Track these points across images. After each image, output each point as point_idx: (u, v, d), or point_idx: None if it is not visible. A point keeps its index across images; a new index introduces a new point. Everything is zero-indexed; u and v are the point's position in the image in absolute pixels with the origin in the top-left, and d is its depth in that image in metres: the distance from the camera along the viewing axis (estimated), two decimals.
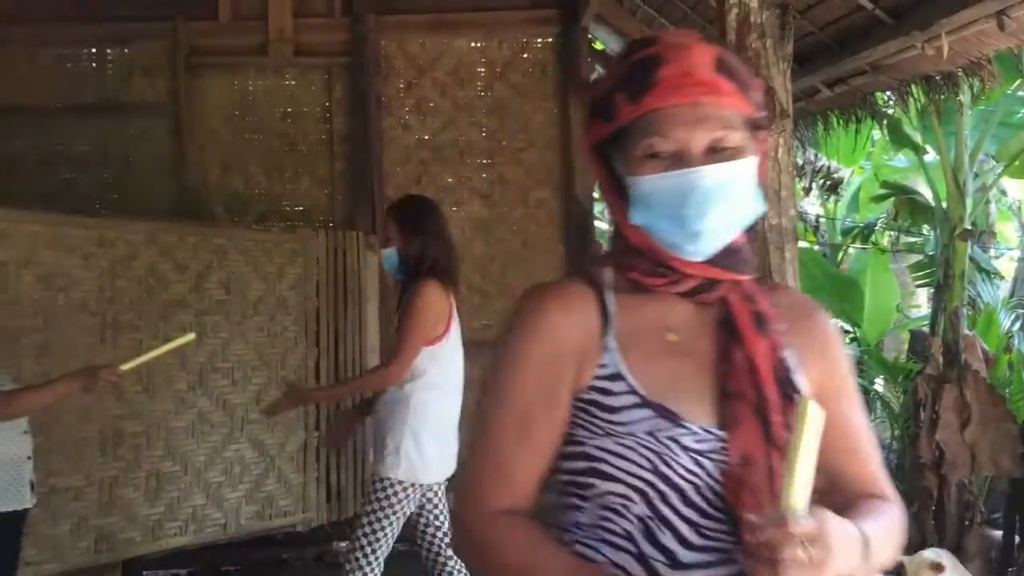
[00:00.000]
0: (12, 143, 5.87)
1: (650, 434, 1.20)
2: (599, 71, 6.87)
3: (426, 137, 6.06)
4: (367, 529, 3.39)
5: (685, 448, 1.20)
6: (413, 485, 3.41)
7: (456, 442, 3.60)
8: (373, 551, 3.39)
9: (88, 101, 5.95)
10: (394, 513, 3.40)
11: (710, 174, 1.18)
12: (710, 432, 1.22)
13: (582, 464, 1.25)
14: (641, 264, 1.27)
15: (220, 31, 5.95)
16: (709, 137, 1.20)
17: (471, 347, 5.86)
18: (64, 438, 4.15)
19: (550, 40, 6.11)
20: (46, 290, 4.09)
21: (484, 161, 6.06)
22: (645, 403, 1.21)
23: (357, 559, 3.39)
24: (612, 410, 1.23)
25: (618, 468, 1.22)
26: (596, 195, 6.18)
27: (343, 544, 5.62)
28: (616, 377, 1.24)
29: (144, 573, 5.00)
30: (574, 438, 1.26)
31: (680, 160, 1.19)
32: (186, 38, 5.89)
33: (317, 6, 6.01)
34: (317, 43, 6.00)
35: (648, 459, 1.20)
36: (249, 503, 4.96)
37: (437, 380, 3.49)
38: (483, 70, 6.10)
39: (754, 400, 1.22)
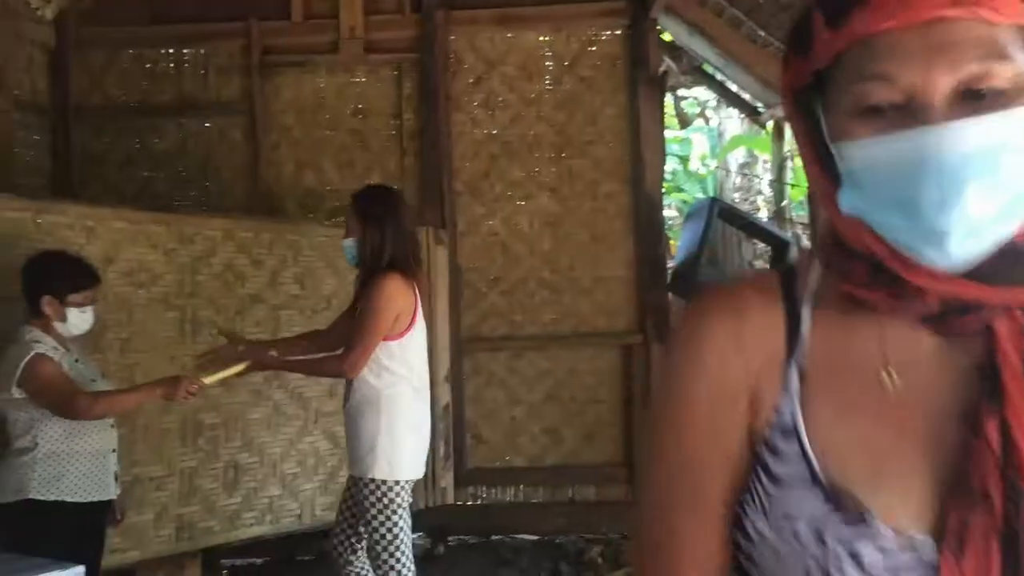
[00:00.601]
0: (95, 143, 6.06)
1: (815, 531, 0.81)
2: (668, 63, 6.82)
3: (495, 132, 6.07)
4: (378, 536, 3.33)
5: (860, 564, 0.79)
6: (397, 482, 3.36)
7: (428, 438, 3.61)
8: (396, 551, 3.34)
9: (166, 100, 6.10)
10: (394, 511, 3.34)
11: (963, 135, 0.76)
12: (912, 542, 0.79)
13: (741, 541, 0.88)
14: (857, 269, 0.85)
15: (292, 30, 6.04)
16: (960, 75, 0.77)
17: (544, 341, 5.95)
18: (147, 428, 4.28)
19: (619, 32, 6.07)
20: (129, 285, 4.21)
21: (553, 155, 6.06)
22: (816, 481, 0.82)
23: (387, 563, 3.35)
24: (775, 480, 0.85)
25: (764, 569, 0.86)
26: (664, 188, 6.13)
27: (415, 535, 5.68)
28: (789, 433, 0.85)
29: (222, 562, 5.11)
30: (741, 504, 0.89)
31: (913, 114, 0.78)
32: (259, 38, 6.00)
33: (387, 3, 6.06)
34: (387, 40, 6.06)
35: (802, 569, 0.81)
36: (323, 494, 5.04)
37: (404, 375, 3.43)
38: (551, 64, 6.10)
39: (1002, 506, 0.76)
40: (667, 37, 6.89)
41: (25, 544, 2.96)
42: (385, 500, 3.34)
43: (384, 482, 3.34)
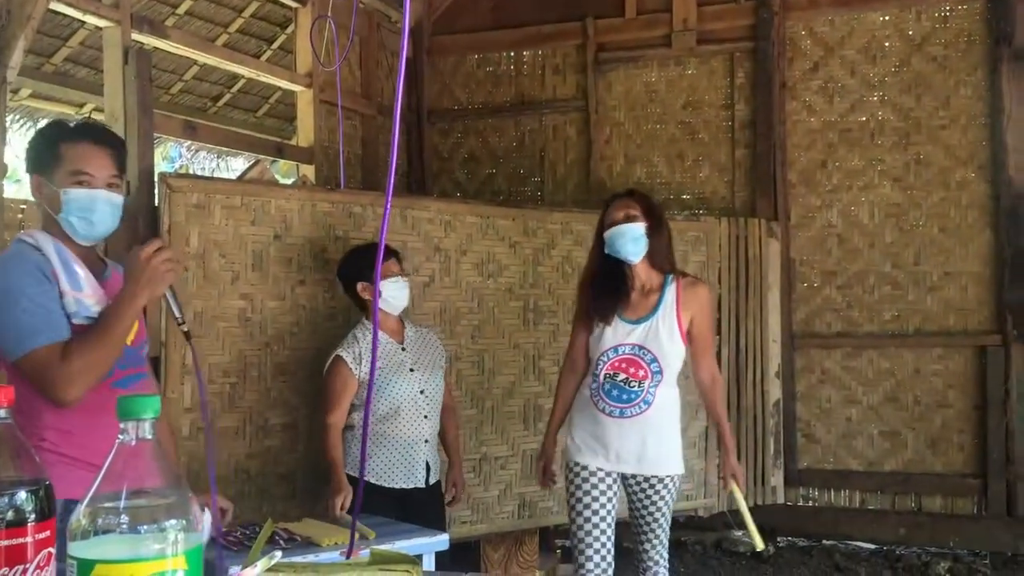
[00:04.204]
0: (444, 143, 6.56)
1: None
2: None
3: (833, 119, 5.80)
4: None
5: None
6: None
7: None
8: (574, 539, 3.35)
9: (506, 101, 6.46)
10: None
11: None
12: None
13: None
14: None
15: (626, 26, 6.15)
16: None
17: (885, 339, 5.60)
18: (493, 411, 4.56)
19: (977, 5, 5.56)
20: (479, 275, 4.51)
21: (898, 142, 5.68)
22: None
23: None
24: None
25: None
26: None
27: (740, 532, 5.61)
28: None
29: (556, 542, 5.33)
30: None
31: None
32: (595, 36, 6.17)
33: None
34: (720, 30, 5.99)
35: None
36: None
37: None
38: (898, 44, 5.71)
39: None
40: None
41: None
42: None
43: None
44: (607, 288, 3.25)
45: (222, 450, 3.65)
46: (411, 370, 3.51)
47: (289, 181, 5.75)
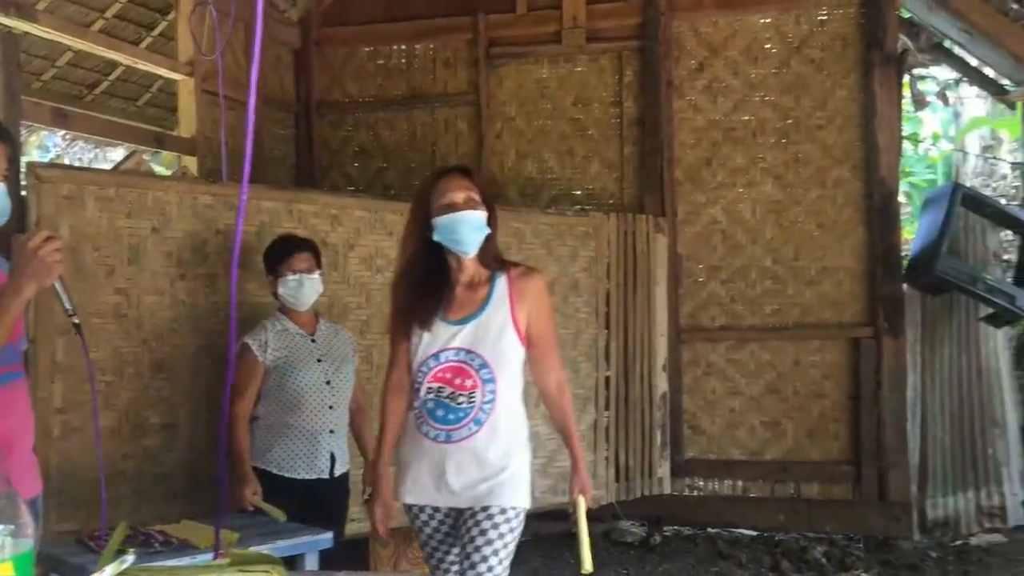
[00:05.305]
0: (334, 136, 6.46)
1: None
2: (905, 42, 6.43)
3: (717, 118, 5.95)
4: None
5: None
6: None
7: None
8: None
9: (397, 94, 6.40)
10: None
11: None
12: None
13: None
14: None
15: (517, 22, 6.18)
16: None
17: (766, 332, 5.79)
18: None
19: (852, 11, 5.78)
20: (368, 270, 4.45)
21: (778, 141, 5.87)
22: None
23: None
24: None
25: None
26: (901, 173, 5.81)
27: (629, 523, 5.71)
28: None
29: None
30: None
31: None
32: (486, 31, 6.18)
33: None
34: (609, 28, 6.07)
35: None
36: (543, 477, 5.14)
37: None
38: (778, 47, 5.90)
39: None
40: (905, 14, 6.48)
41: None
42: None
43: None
44: (428, 284, 2.64)
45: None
46: (318, 360, 3.50)
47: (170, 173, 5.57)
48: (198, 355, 3.77)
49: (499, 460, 2.56)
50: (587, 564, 2.50)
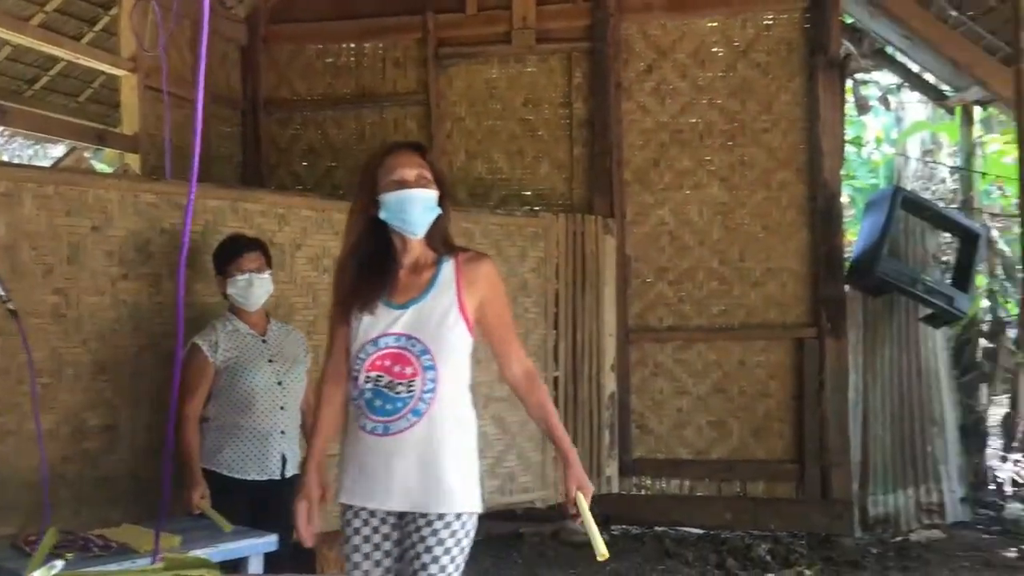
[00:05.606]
0: (282, 134, 6.40)
1: None
2: (848, 47, 6.55)
3: (665, 120, 6.01)
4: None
5: None
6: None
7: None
8: None
9: (346, 93, 6.36)
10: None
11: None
12: None
13: None
14: None
15: (467, 22, 6.18)
16: None
17: (712, 333, 5.85)
18: None
19: (796, 16, 5.88)
20: (315, 270, 4.41)
21: (725, 143, 5.94)
22: None
23: None
24: None
25: None
26: (843, 177, 5.91)
27: (578, 522, 5.72)
28: None
29: None
30: None
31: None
32: (435, 30, 6.16)
33: None
34: (558, 29, 6.09)
35: None
36: (491, 478, 5.15)
37: None
38: (724, 50, 5.97)
39: None
40: (848, 20, 6.61)
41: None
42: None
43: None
44: (373, 266, 2.45)
45: (35, 454, 3.43)
46: (269, 361, 3.47)
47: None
48: (141, 356, 3.70)
49: (442, 458, 2.35)
50: (602, 550, 2.31)
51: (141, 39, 4.75)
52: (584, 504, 2.39)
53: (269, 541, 2.97)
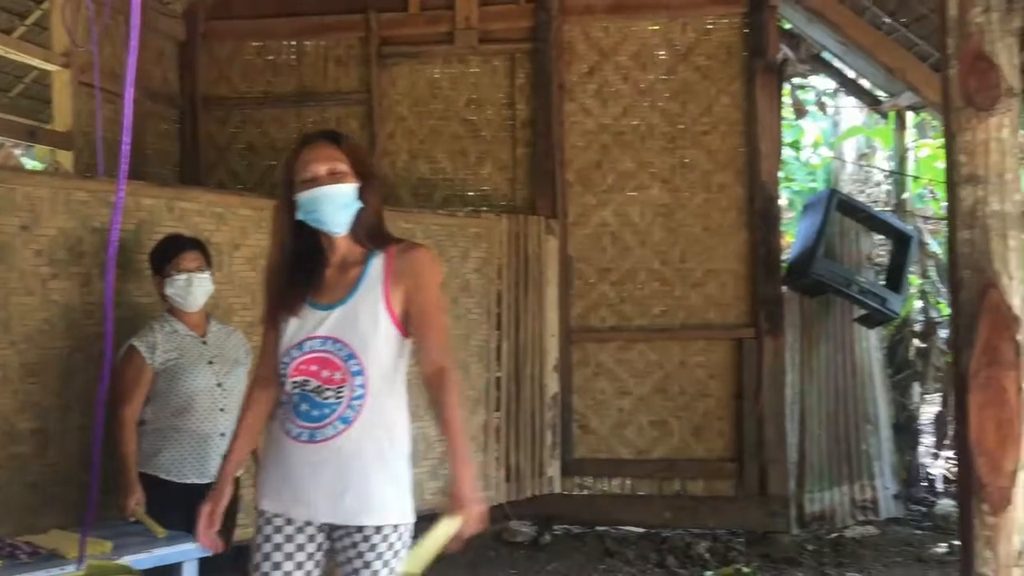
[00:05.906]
0: (220, 132, 6.29)
1: None
2: (786, 52, 6.66)
3: (607, 122, 6.05)
4: None
5: None
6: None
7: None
8: None
9: (287, 91, 6.28)
10: None
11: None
12: None
13: None
14: None
15: (409, 21, 6.15)
16: None
17: (653, 333, 5.91)
18: None
19: (736, 21, 5.96)
20: (253, 271, 4.35)
21: (666, 145, 6.00)
22: None
23: None
24: None
25: None
26: (781, 179, 6.01)
27: (520, 523, 5.74)
28: None
29: None
30: None
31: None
32: (377, 29, 6.12)
33: None
34: (501, 30, 6.10)
35: None
36: (432, 479, 5.12)
37: None
38: (665, 53, 6.03)
39: None
40: (787, 25, 6.72)
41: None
42: None
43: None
44: (299, 267, 2.35)
45: None
46: (210, 362, 3.43)
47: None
48: (72, 357, 3.62)
49: (372, 468, 2.27)
50: (413, 568, 2.20)
51: (73, 34, 4.63)
52: (446, 527, 2.19)
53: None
